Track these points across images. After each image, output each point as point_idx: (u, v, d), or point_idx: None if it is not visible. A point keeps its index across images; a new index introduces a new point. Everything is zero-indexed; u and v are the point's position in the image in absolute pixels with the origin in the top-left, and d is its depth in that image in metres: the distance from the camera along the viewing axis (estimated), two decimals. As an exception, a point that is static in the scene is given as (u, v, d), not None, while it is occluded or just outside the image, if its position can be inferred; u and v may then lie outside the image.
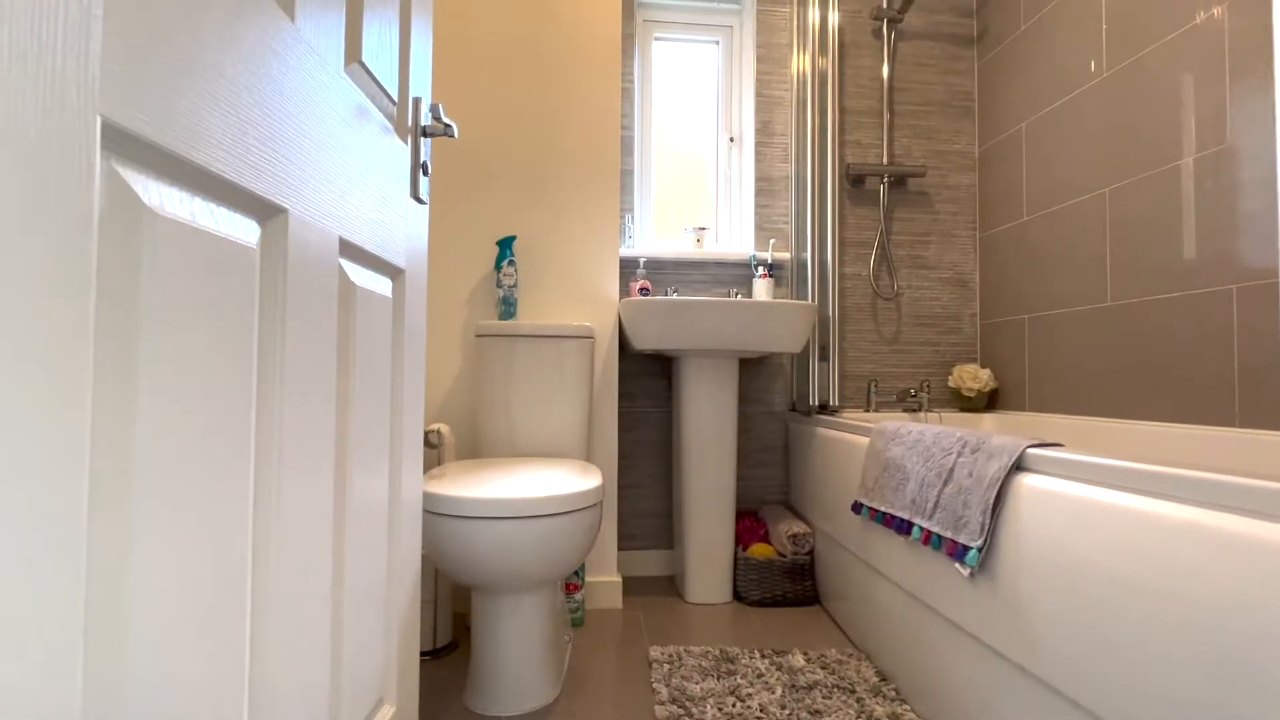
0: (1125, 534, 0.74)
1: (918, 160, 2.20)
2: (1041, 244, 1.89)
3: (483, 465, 1.41)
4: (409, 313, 0.87)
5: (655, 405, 2.06)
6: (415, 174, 0.89)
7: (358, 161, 0.69)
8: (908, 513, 1.17)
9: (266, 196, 0.51)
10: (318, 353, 0.60)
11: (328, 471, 0.63)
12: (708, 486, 1.78)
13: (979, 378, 2.05)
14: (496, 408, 1.63)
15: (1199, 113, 1.41)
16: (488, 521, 1.07)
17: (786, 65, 2.16)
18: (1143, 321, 1.54)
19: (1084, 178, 1.73)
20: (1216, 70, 1.37)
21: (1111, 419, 1.61)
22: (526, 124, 1.78)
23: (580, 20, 1.81)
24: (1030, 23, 1.95)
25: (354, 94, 0.69)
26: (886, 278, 2.17)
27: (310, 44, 0.59)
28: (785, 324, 1.67)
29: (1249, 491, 0.63)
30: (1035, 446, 0.93)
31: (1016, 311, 2.00)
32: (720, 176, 2.30)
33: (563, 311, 1.79)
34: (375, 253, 0.75)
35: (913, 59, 2.20)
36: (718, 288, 2.10)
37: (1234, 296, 1.32)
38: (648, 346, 1.68)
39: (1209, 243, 1.38)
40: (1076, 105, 1.77)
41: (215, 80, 0.44)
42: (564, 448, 1.64)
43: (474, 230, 1.76)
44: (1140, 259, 1.55)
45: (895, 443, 1.29)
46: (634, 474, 2.04)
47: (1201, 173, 1.40)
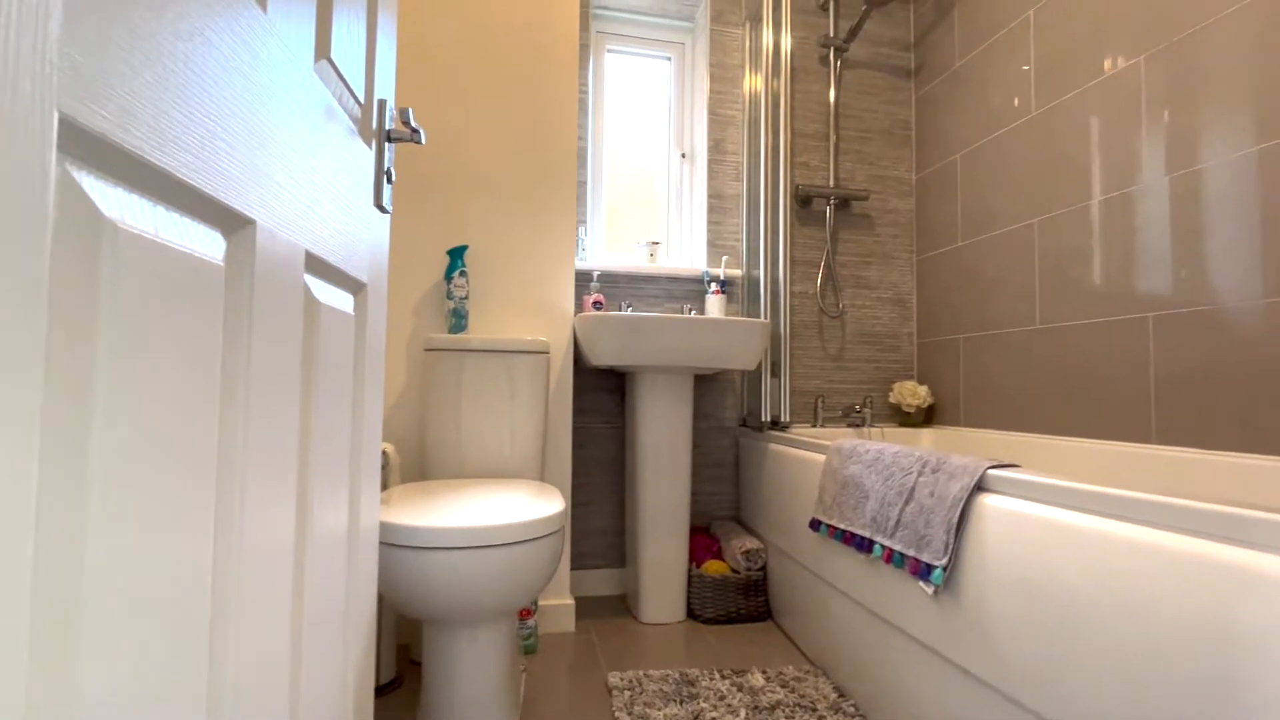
0: (1082, 552, 0.77)
1: (861, 184, 2.28)
2: (975, 268, 2.00)
3: (432, 489, 1.33)
4: (370, 330, 0.81)
5: (607, 421, 2.02)
6: (379, 181, 0.82)
7: (325, 168, 0.63)
8: (868, 531, 1.20)
9: (235, 207, 0.45)
10: (282, 377, 0.54)
11: (290, 501, 0.56)
12: (662, 503, 1.77)
13: (918, 394, 2.14)
14: (446, 426, 1.55)
15: (1116, 153, 1.53)
16: (445, 552, 1.01)
17: (738, 85, 2.19)
18: (1069, 344, 1.65)
19: (1014, 208, 1.85)
20: (1133, 116, 1.50)
21: (1041, 435, 1.71)
22: (481, 130, 1.72)
23: (538, 28, 1.77)
24: (964, 60, 2.07)
25: (323, 94, 0.63)
26: (832, 296, 2.24)
27: (282, 37, 0.53)
28: (742, 341, 1.68)
29: (1197, 514, 0.67)
30: (995, 467, 0.97)
31: (952, 331, 2.11)
32: (672, 192, 2.31)
33: (517, 325, 1.73)
34: (339, 266, 0.68)
35: (857, 86, 2.29)
36: (670, 302, 2.10)
37: (1150, 324, 1.43)
38: (604, 362, 1.65)
39: (1127, 273, 1.50)
40: (1007, 140, 1.89)
41: (184, 74, 0.39)
42: (518, 467, 1.58)
43: (423, 238, 1.68)
44: (1067, 286, 1.66)
45: (853, 461, 1.32)
46: (586, 491, 1.99)
47: (1120, 208, 1.52)
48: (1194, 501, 0.68)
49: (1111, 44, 1.56)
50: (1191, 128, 1.37)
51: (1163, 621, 0.67)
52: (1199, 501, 0.68)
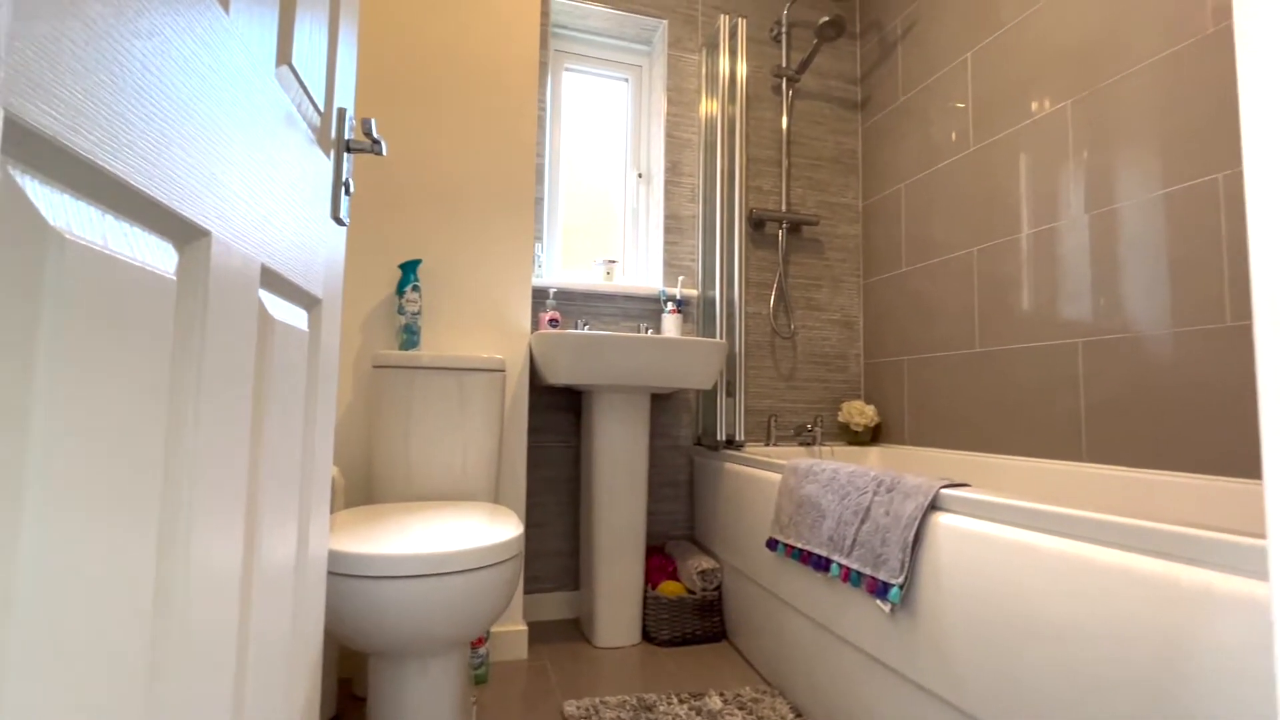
0: (1033, 570, 0.81)
1: (811, 209, 2.36)
2: (918, 293, 2.09)
3: (381, 513, 1.28)
4: (324, 347, 0.77)
5: (563, 440, 1.99)
6: (337, 192, 0.79)
7: (284, 178, 0.60)
8: (825, 550, 1.21)
9: (189, 217, 0.42)
10: (233, 398, 0.50)
11: (237, 530, 0.52)
12: (618, 524, 1.75)
13: (865, 413, 2.21)
14: (394, 446, 1.49)
15: (1044, 190, 1.64)
16: (399, 581, 0.96)
17: (695, 109, 2.24)
18: (1006, 367, 1.74)
19: (954, 237, 1.95)
20: (1060, 156, 1.61)
21: (981, 453, 1.79)
22: (439, 144, 1.69)
23: (498, 44, 1.76)
24: (907, 96, 2.18)
25: (283, 101, 0.60)
26: (784, 317, 2.29)
27: (243, 40, 0.50)
28: (700, 361, 1.69)
29: (1143, 532, 0.71)
30: (948, 487, 1.00)
31: (897, 353, 2.19)
32: (629, 211, 2.32)
33: (471, 342, 1.69)
34: (295, 281, 0.65)
35: (808, 116, 2.38)
36: (627, 321, 2.10)
37: (1079, 349, 1.53)
38: (561, 380, 1.63)
39: (1056, 301, 1.59)
40: (947, 173, 1.99)
41: (141, 74, 0.36)
42: (471, 490, 1.53)
43: (374, 251, 1.62)
44: (1003, 312, 1.75)
45: (809, 480, 1.34)
46: (540, 512, 1.95)
47: (1048, 241, 1.62)
48: (1140, 520, 0.72)
49: (1041, 88, 1.67)
50: (1109, 170, 1.49)
51: (1110, 636, 0.71)
52: (1145, 520, 0.72)
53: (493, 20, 1.75)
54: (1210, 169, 1.27)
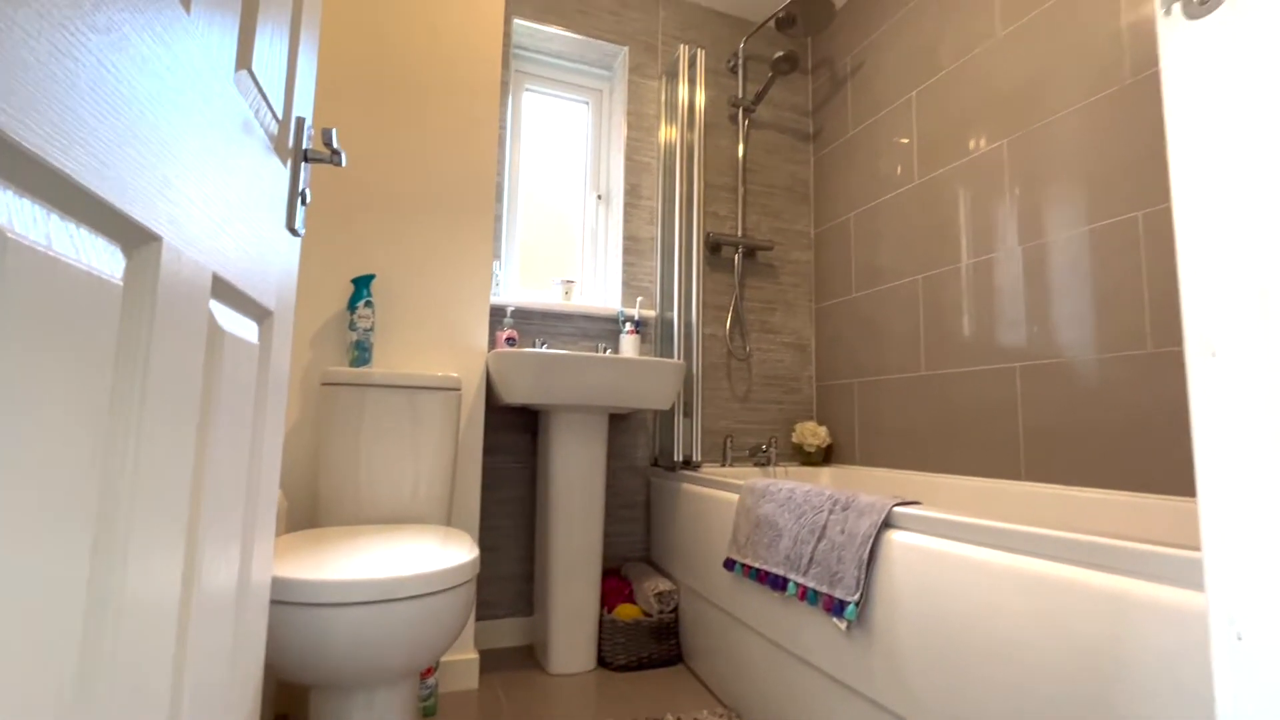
0: (980, 584, 0.84)
1: (766, 235, 2.42)
2: (868, 318, 2.17)
3: (327, 537, 1.22)
4: (275, 361, 0.74)
5: (518, 461, 1.96)
6: (293, 202, 0.77)
7: (239, 185, 0.58)
8: (782, 569, 1.22)
9: (140, 220, 0.40)
10: (178, 414, 0.47)
11: (177, 556, 0.49)
12: (575, 546, 1.72)
13: (818, 434, 2.26)
14: (343, 467, 1.43)
15: (982, 223, 1.74)
16: (348, 609, 0.92)
17: (654, 134, 2.28)
18: (950, 390, 1.81)
19: (901, 265, 2.03)
20: (997, 192, 1.71)
21: (928, 473, 1.85)
22: (398, 156, 1.66)
23: (461, 62, 1.75)
24: (857, 130, 2.29)
25: (241, 106, 0.58)
26: (740, 339, 2.33)
27: (203, 41, 0.48)
28: (659, 381, 1.70)
29: (1084, 546, 0.75)
30: (900, 505, 1.03)
31: (847, 376, 2.25)
32: (587, 232, 2.33)
33: (425, 360, 1.65)
34: (246, 291, 0.62)
35: (763, 145, 2.46)
36: (585, 341, 2.09)
37: (1017, 373, 1.61)
38: (519, 400, 1.61)
39: (996, 328, 1.68)
40: (894, 204, 2.09)
41: (96, 70, 0.34)
42: (422, 512, 1.48)
43: (326, 264, 1.57)
44: (947, 337, 1.84)
45: (766, 500, 1.35)
46: (493, 535, 1.90)
47: (986, 271, 1.72)
48: (1082, 535, 0.75)
49: (979, 128, 1.78)
50: (1040, 206, 1.59)
51: (1055, 649, 0.73)
52: (1086, 535, 0.76)
53: (455, 38, 1.75)
54: (1131, 207, 1.37)
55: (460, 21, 1.76)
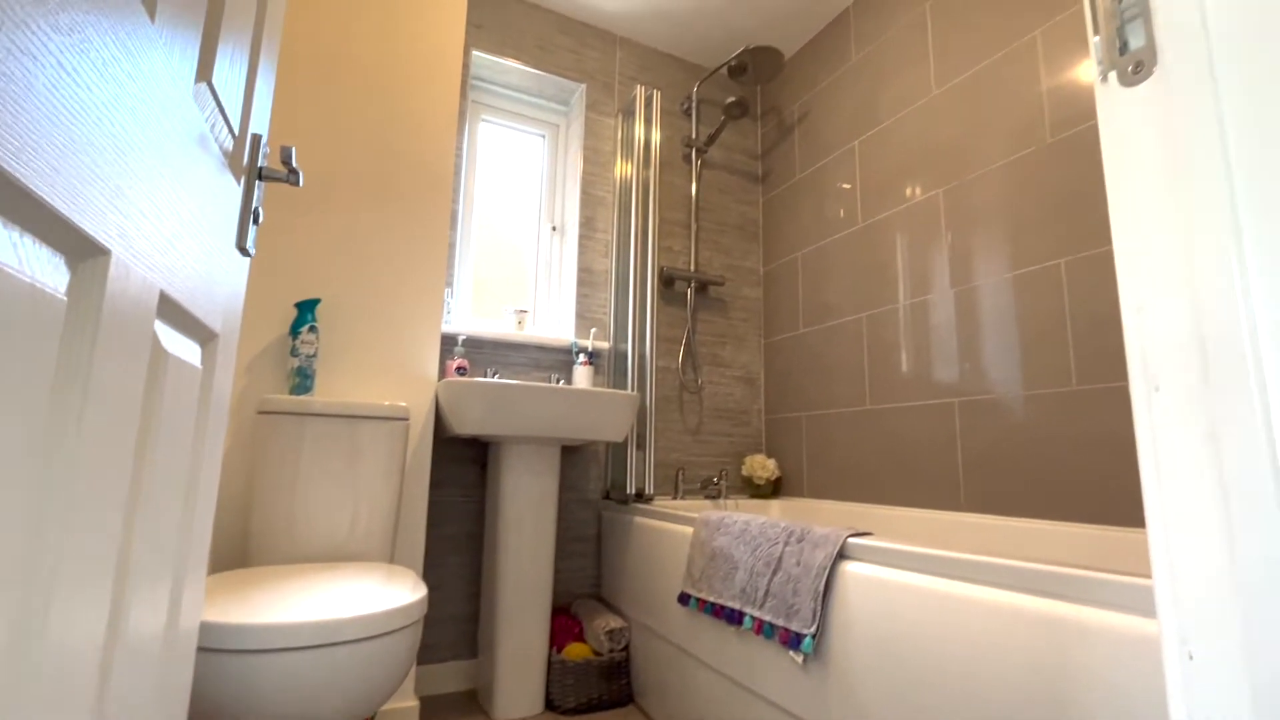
0: (933, 613, 0.86)
1: (717, 271, 2.48)
2: (815, 353, 2.24)
3: (260, 578, 1.14)
4: (217, 388, 0.69)
5: (465, 495, 1.89)
6: (245, 221, 0.73)
7: (192, 200, 0.55)
8: (738, 602, 1.22)
9: (89, 232, 0.37)
10: (116, 441, 0.44)
11: (104, 598, 0.44)
12: (525, 583, 1.66)
13: (767, 467, 2.29)
14: (278, 502, 1.34)
15: (919, 266, 1.84)
16: (282, 655, 0.85)
17: (610, 169, 2.32)
18: (894, 424, 1.88)
19: (846, 303, 2.12)
20: (932, 238, 1.82)
21: (873, 504, 1.90)
22: (351, 179, 1.62)
23: (420, 87, 1.74)
24: (803, 174, 2.39)
25: (198, 120, 0.56)
26: (692, 372, 2.36)
27: (166, 51, 0.47)
28: (614, 413, 1.69)
29: (1031, 574, 0.78)
30: (854, 536, 1.05)
31: (796, 409, 2.31)
32: (542, 262, 2.33)
33: (371, 388, 1.59)
34: (193, 312, 0.59)
35: (714, 185, 2.54)
36: (538, 371, 2.07)
37: (955, 408, 1.69)
38: (469, 431, 1.56)
39: (933, 365, 1.77)
40: (838, 245, 2.18)
41: (55, 72, 0.32)
42: (364, 549, 1.41)
43: (269, 286, 1.51)
44: (890, 373, 1.91)
45: (721, 532, 1.36)
46: (437, 573, 1.82)
47: (923, 311, 1.81)
48: (1028, 563, 0.79)
49: (916, 178, 1.90)
50: (970, 252, 1.70)
51: (1008, 676, 0.76)
52: (1032, 563, 0.79)
53: (415, 66, 1.74)
54: (1054, 255, 1.48)
55: (420, 50, 1.76)
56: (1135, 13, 0.43)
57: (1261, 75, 0.37)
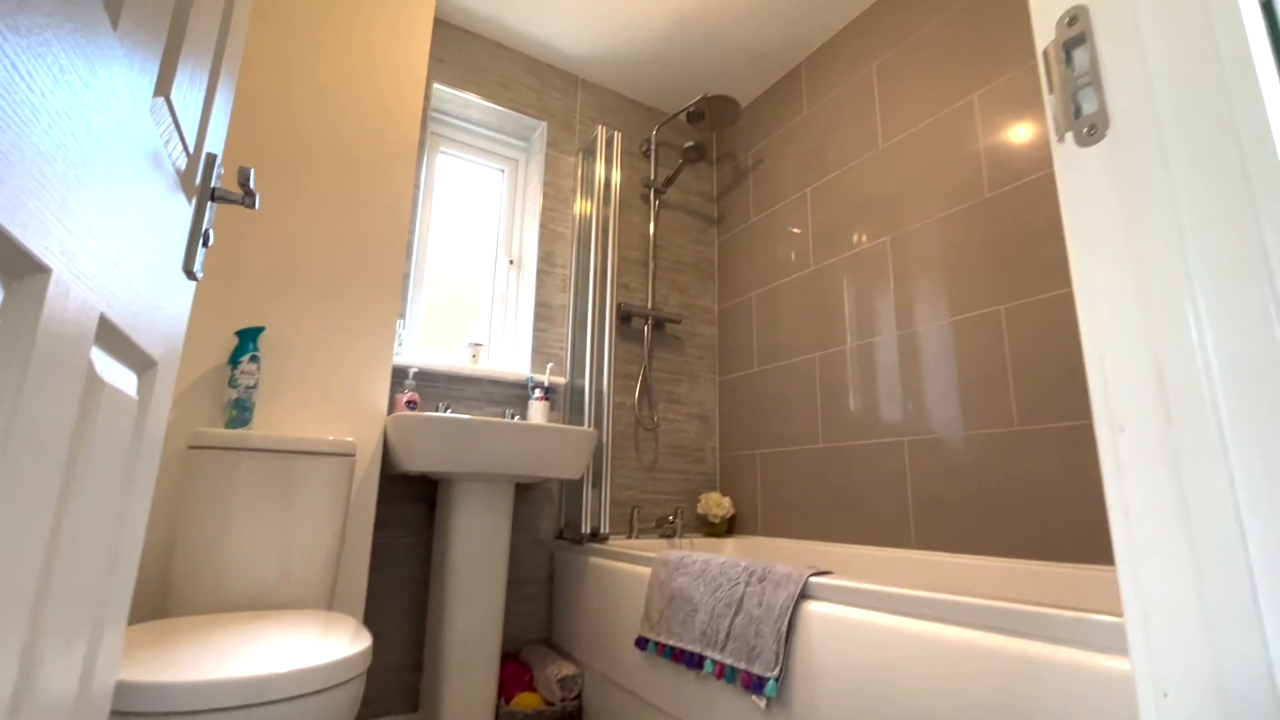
0: (895, 651, 0.86)
1: (674, 309, 2.51)
2: (769, 391, 2.28)
3: (181, 629, 1.04)
4: (152, 419, 0.64)
5: (411, 535, 1.80)
6: (194, 244, 0.69)
7: (139, 219, 0.52)
8: (698, 645, 1.19)
9: (30, 248, 0.34)
10: (41, 480, 0.39)
11: (11, 657, 0.39)
12: (472, 630, 1.58)
13: (722, 505, 2.28)
14: (206, 544, 1.24)
15: (866, 309, 1.91)
16: (204, 717, 0.77)
17: (569, 205, 2.33)
18: (846, 462, 1.91)
19: (798, 343, 2.17)
20: (878, 283, 1.90)
21: (827, 542, 1.92)
22: (303, 204, 1.57)
23: (380, 117, 1.72)
24: (757, 217, 2.47)
25: (152, 135, 0.53)
26: (648, 409, 2.35)
27: (126, 62, 0.44)
28: (570, 450, 1.66)
29: (987, 611, 0.79)
30: (816, 575, 1.05)
31: (750, 447, 2.33)
32: (498, 296, 2.30)
33: (316, 422, 1.51)
34: (133, 338, 0.54)
35: (672, 225, 2.59)
36: (492, 406, 2.02)
37: (905, 446, 1.74)
38: (418, 468, 1.50)
39: (882, 405, 1.82)
40: (790, 287, 2.25)
41: (9, 73, 0.30)
42: (300, 596, 1.31)
43: (208, 312, 1.42)
44: (841, 412, 1.96)
45: (681, 572, 1.33)
46: (378, 620, 1.71)
47: (869, 353, 1.87)
48: (992, 601, 0.80)
49: (863, 225, 1.99)
50: (913, 297, 1.78)
51: (972, 713, 0.76)
52: (995, 600, 0.81)
53: (376, 96, 1.72)
54: (994, 302, 1.56)
55: (381, 81, 1.74)
56: (1087, 80, 0.47)
57: (1207, 140, 0.40)
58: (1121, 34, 0.45)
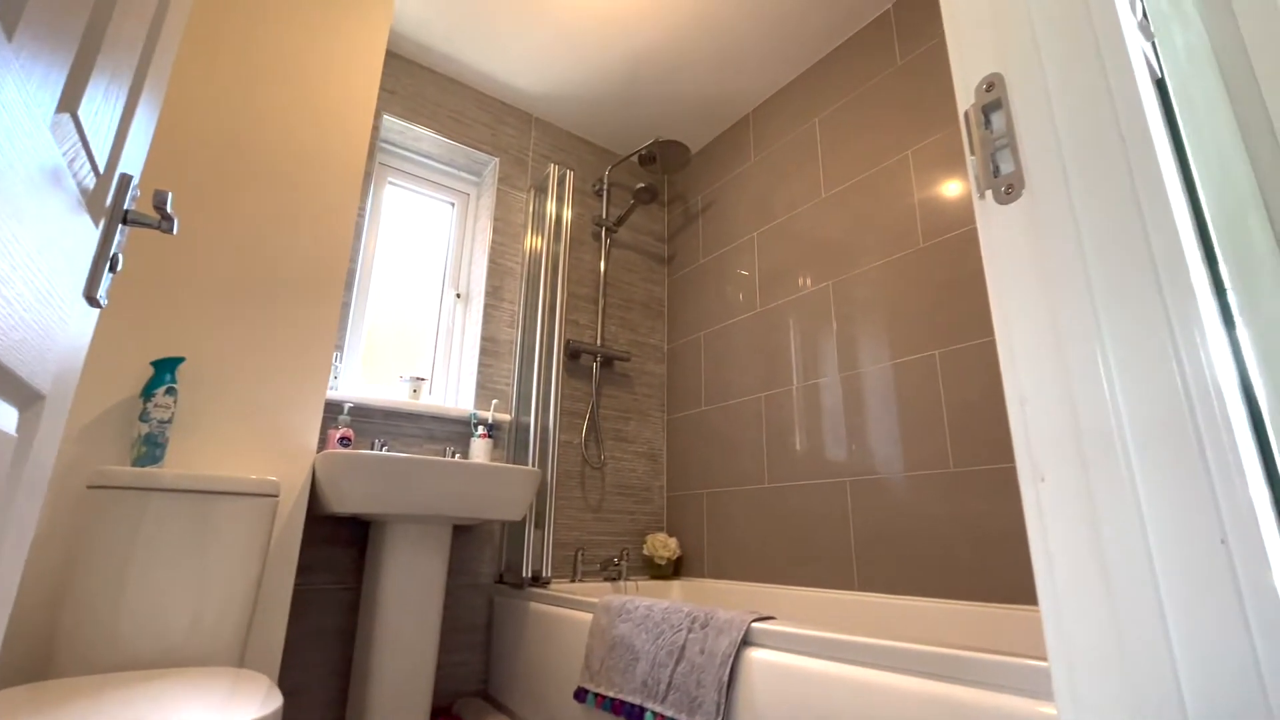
0: (842, 702, 0.84)
1: (623, 346, 2.51)
2: (716, 430, 2.28)
3: (64, 693, 0.93)
4: (36, 459, 0.58)
5: (339, 581, 1.69)
6: (99, 267, 0.64)
7: (31, 239, 0.48)
8: (639, 696, 1.15)
9: (-122, 268, 0.30)
10: None
11: None
12: (402, 683, 1.48)
13: (668, 546, 2.25)
14: (101, 595, 1.13)
15: (811, 351, 1.96)
16: (79, 795, 0.68)
17: (520, 241, 2.33)
18: (791, 502, 1.92)
19: (745, 382, 2.20)
20: (823, 325, 1.95)
21: (772, 585, 1.91)
22: (237, 229, 1.50)
23: (323, 141, 1.68)
24: (707, 259, 2.52)
25: (52, 152, 0.49)
26: (595, 447, 2.32)
27: (21, 75, 0.41)
28: (512, 489, 1.61)
29: (925, 656, 0.79)
30: (758, 620, 1.03)
31: (697, 486, 2.31)
32: (443, 330, 2.25)
33: (238, 460, 1.41)
34: (14, 369, 0.49)
35: (622, 263, 2.61)
36: (432, 444, 1.95)
37: (848, 487, 1.76)
38: (348, 509, 1.42)
39: (826, 445, 1.85)
40: (738, 327, 2.29)
41: None
42: (208, 651, 1.20)
43: (119, 341, 1.33)
44: (786, 452, 1.98)
45: (622, 619, 1.29)
46: (298, 675, 1.58)
47: (814, 394, 1.91)
48: (932, 647, 0.80)
49: (807, 269, 2.05)
50: (856, 340, 1.84)
51: (906, 764, 0.75)
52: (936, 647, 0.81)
53: (321, 121, 1.69)
54: (930, 347, 1.63)
55: (327, 108, 1.71)
56: (1004, 143, 0.49)
57: (1109, 201, 0.42)
58: (1034, 100, 0.48)
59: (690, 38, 2.13)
